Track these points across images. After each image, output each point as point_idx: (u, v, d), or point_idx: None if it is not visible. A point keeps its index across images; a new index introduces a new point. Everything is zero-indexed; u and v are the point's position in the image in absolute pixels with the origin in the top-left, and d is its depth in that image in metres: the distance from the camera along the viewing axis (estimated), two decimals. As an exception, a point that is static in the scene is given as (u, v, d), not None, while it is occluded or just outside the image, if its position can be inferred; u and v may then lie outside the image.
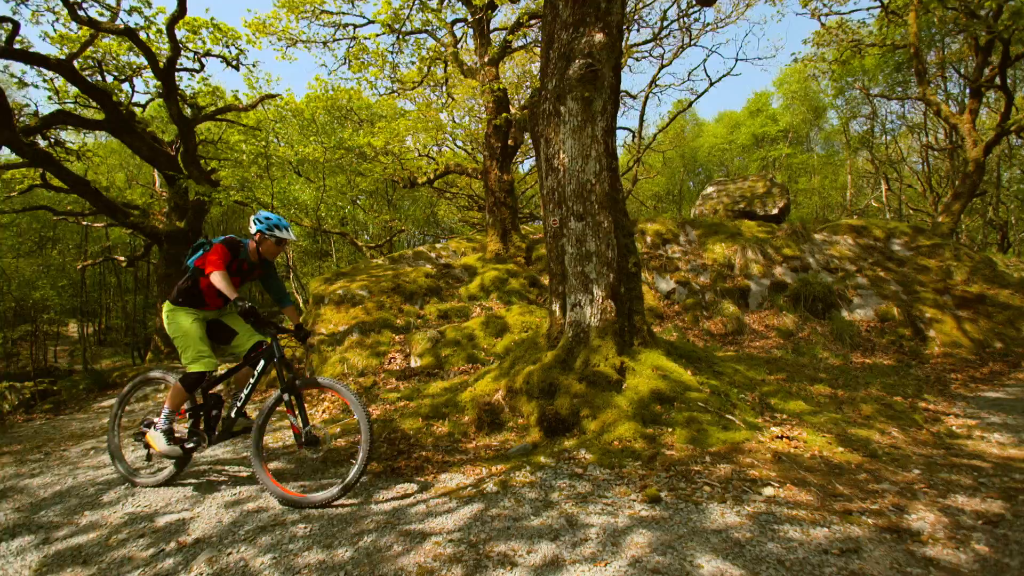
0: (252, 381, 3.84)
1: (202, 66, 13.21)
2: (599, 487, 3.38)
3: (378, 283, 8.76)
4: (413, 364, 6.86)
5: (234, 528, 3.16)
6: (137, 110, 14.11)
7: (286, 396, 3.59)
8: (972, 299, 8.83)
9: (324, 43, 11.48)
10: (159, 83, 11.64)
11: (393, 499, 3.45)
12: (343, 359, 7.15)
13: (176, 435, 3.85)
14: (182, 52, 11.83)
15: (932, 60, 18.84)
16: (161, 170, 13.31)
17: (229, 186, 13.44)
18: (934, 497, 3.15)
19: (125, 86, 13.11)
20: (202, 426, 3.86)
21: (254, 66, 13.71)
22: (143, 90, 13.80)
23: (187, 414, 3.86)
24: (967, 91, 15.59)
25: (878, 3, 13.22)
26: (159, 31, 11.45)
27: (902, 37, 15.27)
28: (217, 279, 3.53)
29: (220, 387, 4.03)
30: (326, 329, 7.90)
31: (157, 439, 3.79)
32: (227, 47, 12.77)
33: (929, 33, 17.26)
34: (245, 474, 4.13)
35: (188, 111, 13.25)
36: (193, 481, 4.03)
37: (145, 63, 11.85)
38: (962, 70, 18.34)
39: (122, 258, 17.10)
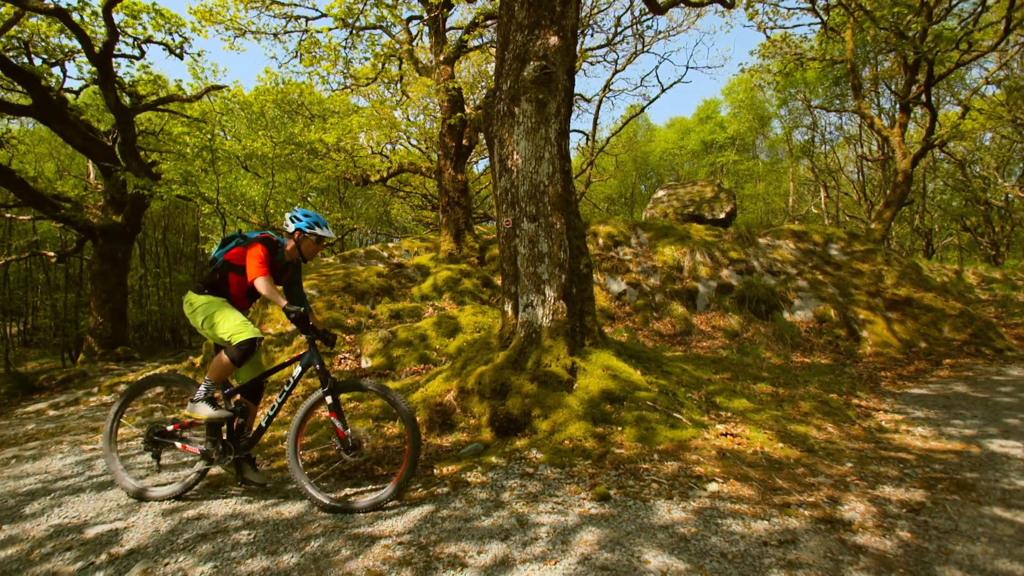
0: (287, 388, 3.59)
1: (142, 53, 12.57)
2: (550, 486, 3.41)
3: (328, 282, 8.56)
4: (364, 364, 6.74)
5: (172, 537, 3.02)
6: (69, 96, 13.31)
7: (329, 399, 3.39)
8: (900, 302, 9.39)
9: (275, 35, 11.14)
10: (94, 69, 11.02)
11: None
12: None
13: (220, 403, 3.55)
14: (120, 37, 11.22)
15: (867, 76, 19.92)
16: (96, 161, 12.61)
17: (171, 180, 12.84)
18: (864, 488, 3.33)
19: (56, 70, 12.35)
20: (224, 436, 3.59)
21: (199, 55, 13.20)
22: (76, 75, 13.02)
23: (207, 426, 3.56)
24: (897, 106, 16.57)
25: (819, 20, 13.88)
26: (94, 13, 10.83)
27: (840, 53, 16.10)
28: (264, 286, 3.31)
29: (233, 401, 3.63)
30: (273, 329, 7.67)
31: (200, 408, 3.40)
32: (170, 34, 12.20)
33: (864, 50, 18.25)
34: (185, 480, 3.94)
35: (127, 100, 12.59)
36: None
37: (79, 47, 11.18)
38: (893, 86, 19.48)
39: (51, 253, 16.07)
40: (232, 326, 3.41)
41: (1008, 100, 12.17)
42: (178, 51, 12.42)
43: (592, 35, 18.49)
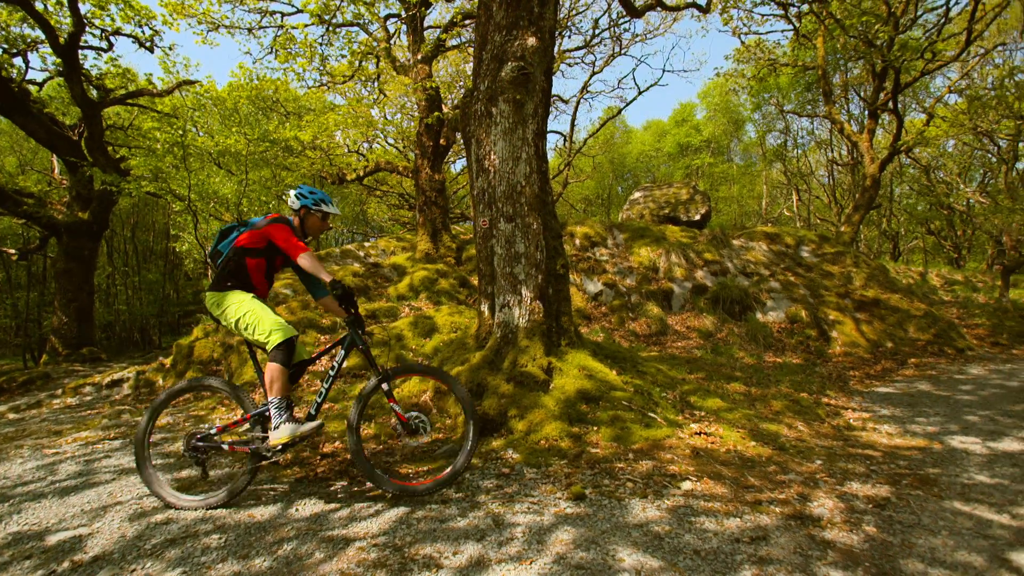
0: (332, 373, 3.50)
1: (110, 45, 12.23)
2: (526, 486, 3.41)
3: (303, 282, 8.44)
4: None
5: (139, 542, 2.94)
6: (32, 88, 12.88)
7: (385, 385, 3.38)
8: (868, 303, 9.64)
9: (249, 30, 10.96)
10: (59, 60, 10.69)
11: (315, 504, 3.33)
12: (264, 360, 6.84)
13: (297, 414, 3.40)
14: (87, 28, 10.91)
15: (837, 82, 20.43)
16: (61, 156, 12.22)
17: (140, 176, 12.51)
18: (833, 485, 3.40)
19: (18, 61, 11.95)
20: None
21: (171, 49, 12.76)
22: (40, 67, 12.52)
23: (251, 421, 3.46)
24: (866, 112, 17.02)
25: (791, 27, 14.18)
26: (59, 3, 10.50)
27: (812, 59, 16.49)
28: (309, 262, 3.26)
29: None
30: (246, 329, 7.53)
31: (285, 430, 3.22)
32: (140, 27, 11.88)
33: (835, 58, 18.71)
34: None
35: (94, 93, 12.23)
36: (93, 494, 3.72)
37: (42, 37, 10.83)
38: (862, 93, 20.00)
39: (12, 251, 15.53)
40: (267, 327, 3.32)
41: (969, 109, 12.61)
42: (148, 44, 12.10)
43: (570, 37, 18.59)
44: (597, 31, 17.21)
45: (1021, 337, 10.04)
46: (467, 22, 11.15)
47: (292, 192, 3.61)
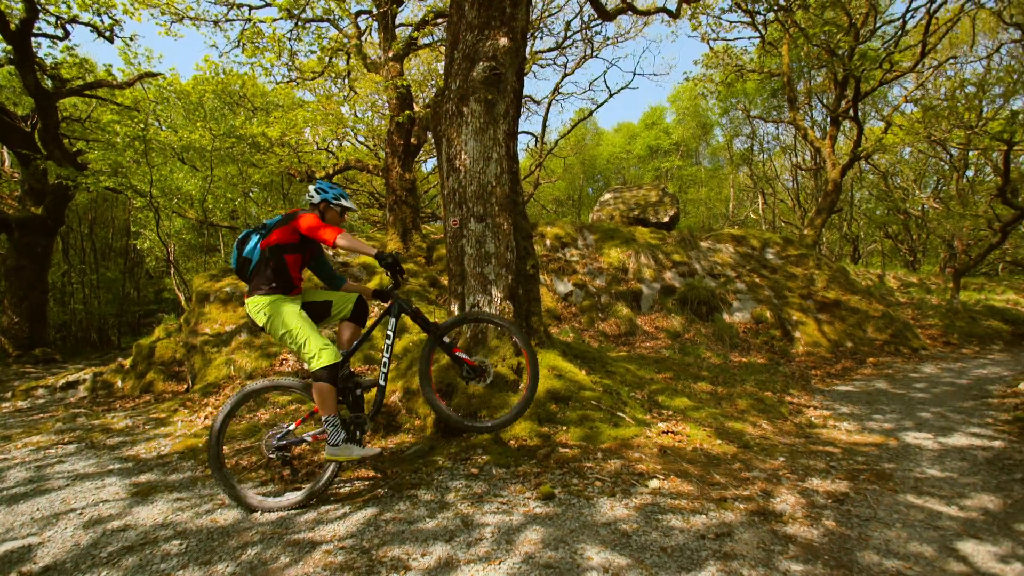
0: (388, 343, 3.62)
1: (66, 33, 11.76)
2: (495, 486, 3.41)
3: (270, 281, 8.27)
4: (307, 365, 6.55)
5: (93, 550, 2.84)
6: (-20, 77, 12.33)
7: (446, 338, 3.69)
8: (830, 304, 9.94)
9: (215, 22, 10.65)
10: (9, 47, 10.24)
11: (281, 508, 3.26)
12: (229, 361, 6.68)
13: (356, 435, 3.47)
14: (41, 14, 10.48)
15: (801, 89, 20.99)
16: (12, 148, 11.72)
17: (99, 170, 12.08)
18: (795, 481, 3.50)
19: (-35, 48, 11.39)
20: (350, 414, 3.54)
21: (131, 40, 12.33)
22: (-11, 55, 11.97)
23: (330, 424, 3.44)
24: (828, 119, 17.54)
25: (758, 34, 14.51)
26: (10, -11, 10.08)
27: (777, 67, 16.91)
28: (347, 240, 3.26)
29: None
30: (211, 329, 7.35)
31: (347, 450, 3.28)
32: (98, 15, 11.46)
33: (799, 65, 19.23)
34: (110, 488, 3.72)
35: (48, 83, 11.77)
36: (44, 501, 3.57)
37: (-8, 23, 10.35)
38: (825, 100, 20.61)
39: (-41, 247, 14.81)
40: (314, 348, 3.32)
41: (924, 118, 13.11)
42: (107, 34, 11.69)
43: (542, 38, 18.68)
44: (569, 33, 17.32)
45: (970, 337, 10.49)
46: (439, 21, 11.09)
47: (311, 187, 3.67)
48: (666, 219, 12.88)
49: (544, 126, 21.20)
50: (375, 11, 10.72)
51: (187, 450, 4.62)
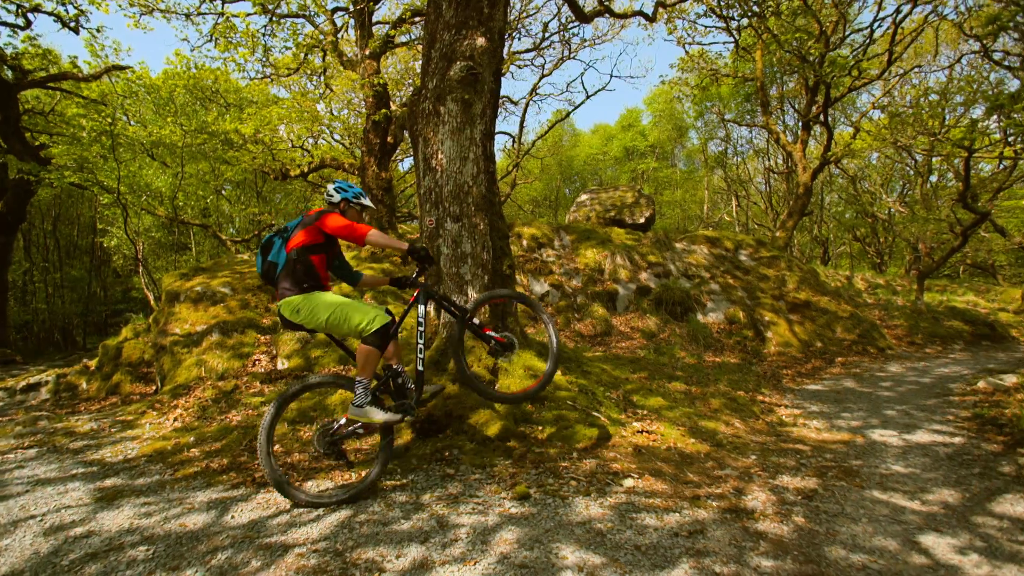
0: (421, 329, 3.60)
1: (28, 23, 11.35)
2: (470, 487, 3.40)
3: (243, 280, 8.12)
4: (280, 366, 6.44)
5: (54, 558, 2.74)
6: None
7: (476, 320, 3.81)
8: (801, 304, 10.15)
9: (186, 15, 10.42)
10: (-31, 39, 9.84)
11: (252, 511, 3.21)
12: (200, 361, 6.53)
13: (384, 402, 3.51)
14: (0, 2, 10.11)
15: (774, 94, 21.41)
16: (-30, 142, 11.28)
17: (63, 165, 11.72)
18: (766, 479, 3.56)
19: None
20: (393, 401, 3.60)
21: (98, 31, 11.96)
22: (-54, 44, 11.50)
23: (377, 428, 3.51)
24: (800, 124, 17.92)
25: (732, 39, 14.76)
26: (-32, -25, 9.70)
27: (751, 71, 17.23)
28: (379, 237, 3.31)
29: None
30: (181, 329, 7.18)
31: (371, 412, 3.34)
32: (63, 4, 11.09)
33: (772, 71, 19.62)
34: (73, 494, 3.61)
35: (8, 74, 11.36)
36: (1, 508, 3.44)
37: (-53, 11, 9.97)
38: (796, 105, 21.05)
39: (-87, 244, 14.19)
40: (367, 314, 3.40)
41: (890, 124, 13.50)
42: (72, 24, 11.33)
43: (520, 39, 18.70)
44: (547, 34, 17.39)
45: (933, 337, 10.83)
46: (416, 19, 11.02)
47: (330, 186, 3.71)
48: (642, 220, 13.01)
49: (521, 127, 21.27)
50: (352, 8, 10.61)
51: (155, 453, 4.51)
